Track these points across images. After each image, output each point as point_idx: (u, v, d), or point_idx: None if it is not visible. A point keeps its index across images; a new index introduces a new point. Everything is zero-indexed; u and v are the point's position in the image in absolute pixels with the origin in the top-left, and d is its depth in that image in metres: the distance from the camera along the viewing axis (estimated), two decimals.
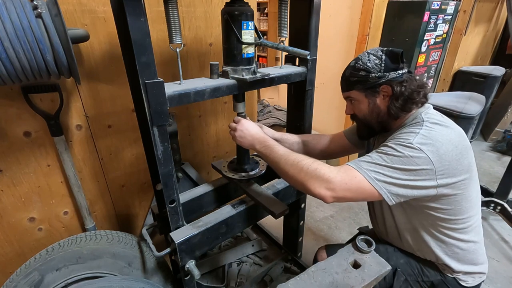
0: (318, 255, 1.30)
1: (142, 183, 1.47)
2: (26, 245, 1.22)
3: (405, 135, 0.82)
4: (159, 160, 0.83)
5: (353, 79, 0.91)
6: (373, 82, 0.87)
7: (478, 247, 0.95)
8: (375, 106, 0.91)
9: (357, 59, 0.91)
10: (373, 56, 0.88)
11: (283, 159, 0.88)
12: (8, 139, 1.06)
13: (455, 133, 0.83)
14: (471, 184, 0.85)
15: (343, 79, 0.95)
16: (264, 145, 0.94)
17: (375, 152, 0.82)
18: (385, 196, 0.78)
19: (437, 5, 2.12)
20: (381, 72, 0.86)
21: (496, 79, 3.06)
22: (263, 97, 3.68)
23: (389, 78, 0.86)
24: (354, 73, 0.90)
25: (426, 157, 0.76)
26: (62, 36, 0.83)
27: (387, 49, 0.88)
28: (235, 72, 0.94)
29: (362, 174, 0.78)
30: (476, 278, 0.95)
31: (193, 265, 0.96)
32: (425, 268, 0.97)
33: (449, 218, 0.87)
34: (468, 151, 0.84)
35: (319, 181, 0.79)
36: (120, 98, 1.25)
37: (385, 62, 0.86)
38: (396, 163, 0.77)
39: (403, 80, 0.86)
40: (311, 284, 0.81)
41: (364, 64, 0.88)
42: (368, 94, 0.90)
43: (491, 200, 2.02)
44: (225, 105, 1.64)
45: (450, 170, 0.78)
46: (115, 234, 1.18)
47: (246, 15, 0.89)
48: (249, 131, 0.98)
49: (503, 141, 3.14)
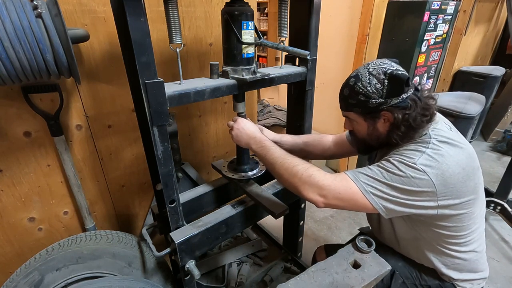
0: (317, 255, 1.30)
1: (142, 183, 1.47)
2: (26, 245, 1.22)
3: (410, 153, 0.77)
4: (159, 160, 0.83)
5: (351, 101, 0.84)
6: (372, 108, 0.81)
7: (479, 257, 0.92)
8: (374, 129, 0.86)
9: (356, 78, 0.82)
10: (374, 79, 0.79)
11: (278, 161, 0.86)
12: (8, 139, 1.06)
13: (464, 153, 0.78)
14: (476, 203, 0.82)
15: (341, 98, 0.88)
16: (260, 145, 0.93)
17: (377, 165, 0.79)
18: (380, 211, 0.76)
19: (437, 5, 2.12)
20: (382, 98, 0.79)
21: (496, 79, 3.06)
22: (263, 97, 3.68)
23: (390, 104, 0.79)
24: (352, 95, 0.83)
25: (428, 179, 0.73)
26: (62, 36, 0.83)
27: (391, 72, 0.79)
28: (235, 72, 0.94)
29: (358, 186, 0.76)
30: (475, 285, 0.93)
31: (193, 265, 0.96)
32: (423, 273, 0.95)
33: (451, 234, 0.84)
34: (476, 172, 0.80)
35: (312, 187, 0.78)
36: (120, 98, 1.25)
37: (387, 87, 0.79)
38: (395, 181, 0.75)
39: (407, 105, 0.79)
40: (311, 284, 0.81)
41: (364, 88, 0.80)
42: (367, 118, 0.85)
43: (491, 200, 2.02)
44: (225, 105, 1.64)
45: (454, 192, 0.75)
46: (115, 234, 1.18)
47: (246, 15, 0.89)
48: (246, 130, 0.96)
49: (503, 141, 3.14)
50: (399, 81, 0.78)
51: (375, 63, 0.82)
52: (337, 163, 2.81)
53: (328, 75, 2.57)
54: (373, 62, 0.83)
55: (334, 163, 2.86)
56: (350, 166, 2.70)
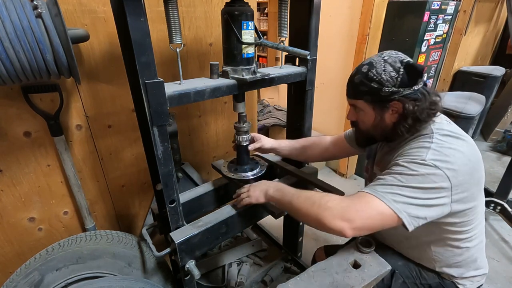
0: (317, 256, 1.30)
1: (142, 183, 1.47)
2: (26, 245, 1.22)
3: (415, 151, 0.77)
4: (159, 160, 0.82)
5: (362, 89, 0.82)
6: (384, 96, 0.79)
7: (480, 253, 0.92)
8: (381, 120, 0.85)
9: (370, 65, 0.80)
10: (389, 67, 0.77)
11: (295, 197, 0.84)
12: (8, 139, 1.06)
13: (468, 145, 0.78)
14: (479, 196, 0.83)
15: (351, 85, 0.86)
16: (276, 188, 0.93)
17: (388, 173, 0.77)
18: (405, 220, 0.72)
19: (437, 5, 2.12)
20: (395, 87, 0.78)
21: (496, 79, 3.06)
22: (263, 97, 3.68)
23: (402, 94, 0.78)
24: (365, 82, 0.81)
25: (442, 174, 0.71)
26: (62, 36, 0.83)
27: (407, 61, 0.78)
28: (235, 72, 0.94)
29: (378, 197, 0.73)
30: (475, 282, 0.93)
31: (193, 265, 0.96)
32: (424, 271, 0.95)
33: (455, 230, 0.84)
34: (480, 163, 0.80)
35: (333, 213, 0.73)
36: (120, 98, 1.25)
37: (402, 76, 0.77)
38: (412, 182, 0.72)
39: (417, 97, 0.79)
40: (311, 284, 0.81)
41: (378, 75, 0.78)
42: (376, 107, 0.83)
43: (491, 200, 2.02)
44: (225, 105, 1.64)
45: (464, 185, 0.75)
46: (115, 234, 1.18)
47: (246, 15, 0.89)
48: (257, 186, 0.99)
49: (503, 141, 3.14)
50: (415, 71, 0.77)
51: (390, 52, 0.81)
52: (337, 163, 2.81)
53: (328, 75, 2.57)
54: (387, 51, 0.82)
55: (334, 163, 2.86)
56: (350, 166, 2.70)
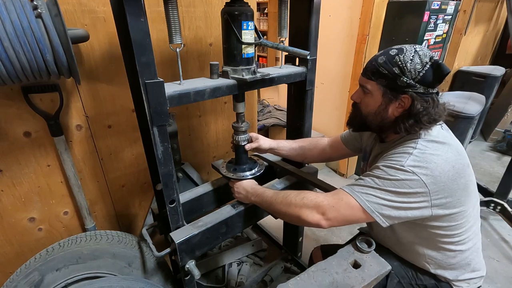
0: (314, 255, 1.29)
1: (142, 183, 1.47)
2: (26, 245, 1.22)
3: (397, 156, 0.78)
4: (159, 160, 0.82)
5: (382, 71, 0.80)
6: (399, 86, 0.78)
7: (475, 255, 0.92)
8: (385, 110, 0.84)
9: (400, 50, 0.78)
10: (418, 59, 0.76)
11: (273, 200, 0.91)
12: (8, 139, 1.06)
13: (452, 150, 0.79)
14: (468, 201, 0.82)
15: (372, 65, 0.83)
16: (255, 194, 1.00)
17: (368, 175, 0.81)
18: (377, 219, 0.77)
19: (437, 5, 2.12)
20: (414, 80, 0.77)
21: (496, 79, 3.06)
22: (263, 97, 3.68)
23: (416, 91, 0.77)
24: (388, 64, 0.79)
25: (419, 179, 0.73)
26: (62, 36, 0.83)
27: (437, 59, 0.76)
28: (235, 72, 0.94)
29: (353, 196, 0.78)
30: (471, 284, 0.93)
31: (193, 265, 0.96)
32: (419, 273, 0.95)
33: (445, 234, 0.84)
34: (466, 169, 0.80)
35: (309, 208, 0.81)
36: (120, 98, 1.25)
37: (425, 73, 0.76)
38: (388, 186, 0.76)
39: (427, 100, 0.78)
40: (311, 284, 0.81)
41: (404, 62, 0.77)
42: (386, 94, 0.82)
43: (491, 200, 2.02)
44: (225, 105, 1.64)
45: (445, 190, 0.76)
46: (115, 234, 1.18)
47: (246, 15, 0.89)
48: (243, 187, 1.06)
49: (503, 141, 3.14)
50: (441, 72, 0.76)
51: (422, 47, 0.80)
52: (336, 163, 2.81)
53: (328, 75, 2.57)
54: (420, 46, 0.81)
55: (334, 163, 2.86)
56: (350, 166, 2.70)
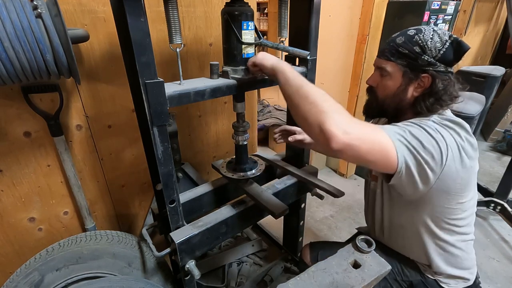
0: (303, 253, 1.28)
1: (142, 183, 1.47)
2: (26, 245, 1.22)
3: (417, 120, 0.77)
4: (159, 160, 0.82)
5: (402, 50, 0.79)
6: (420, 65, 0.78)
7: (467, 255, 0.92)
8: (404, 91, 0.82)
9: (418, 30, 0.79)
10: (437, 37, 0.76)
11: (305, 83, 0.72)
12: (8, 139, 1.06)
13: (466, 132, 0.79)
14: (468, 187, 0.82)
15: (390, 45, 0.82)
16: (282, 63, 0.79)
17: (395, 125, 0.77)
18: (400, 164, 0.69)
19: (437, 5, 2.12)
20: (434, 58, 0.76)
21: (496, 79, 3.06)
22: (263, 97, 3.68)
23: (437, 69, 0.77)
24: (408, 43, 0.79)
25: (441, 138, 0.72)
26: (62, 36, 0.83)
27: (456, 37, 0.76)
28: (235, 72, 0.94)
29: (386, 132, 0.70)
30: (460, 282, 0.93)
31: (193, 265, 0.96)
32: (406, 268, 0.95)
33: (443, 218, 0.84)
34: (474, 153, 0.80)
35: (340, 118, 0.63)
36: (120, 98, 1.25)
37: (446, 50, 0.76)
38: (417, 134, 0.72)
39: (447, 79, 0.78)
40: (311, 284, 0.81)
41: (424, 41, 0.77)
42: (406, 74, 0.81)
43: (491, 200, 2.02)
44: (225, 105, 1.64)
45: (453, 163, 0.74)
46: (115, 234, 1.18)
47: (246, 15, 0.89)
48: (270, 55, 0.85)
49: (503, 141, 3.14)
50: (461, 49, 0.75)
51: (440, 27, 0.80)
52: (337, 163, 2.81)
53: (328, 75, 2.56)
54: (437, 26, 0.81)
55: (334, 163, 2.86)
56: (350, 166, 2.70)
